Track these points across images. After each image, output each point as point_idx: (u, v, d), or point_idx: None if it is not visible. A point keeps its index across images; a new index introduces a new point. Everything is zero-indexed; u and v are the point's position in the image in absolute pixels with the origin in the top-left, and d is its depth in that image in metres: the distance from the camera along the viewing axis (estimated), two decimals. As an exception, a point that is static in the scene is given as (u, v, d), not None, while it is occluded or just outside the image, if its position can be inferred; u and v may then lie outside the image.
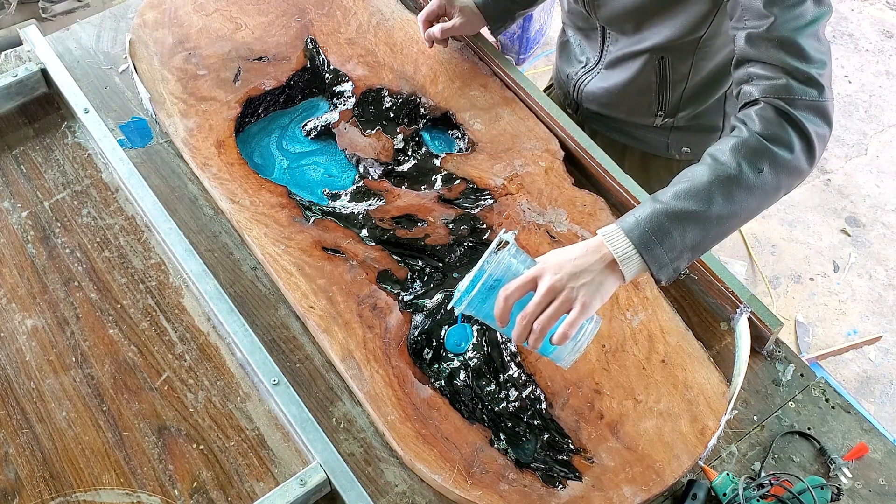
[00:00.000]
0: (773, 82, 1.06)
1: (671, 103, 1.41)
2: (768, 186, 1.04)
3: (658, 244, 1.00)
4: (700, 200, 1.01)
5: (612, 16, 1.33)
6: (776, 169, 1.03)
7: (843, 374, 2.39)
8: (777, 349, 1.23)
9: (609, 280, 1.00)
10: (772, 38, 1.06)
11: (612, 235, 1.02)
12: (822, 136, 1.06)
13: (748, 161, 1.03)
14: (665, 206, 1.02)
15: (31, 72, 1.46)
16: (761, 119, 1.05)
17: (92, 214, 1.34)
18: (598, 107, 1.50)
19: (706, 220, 1.02)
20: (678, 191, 1.03)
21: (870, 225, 2.71)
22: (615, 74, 1.42)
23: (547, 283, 0.98)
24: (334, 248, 1.28)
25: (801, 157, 1.05)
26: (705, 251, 1.06)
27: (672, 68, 1.35)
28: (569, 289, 0.98)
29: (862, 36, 3.22)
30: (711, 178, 1.02)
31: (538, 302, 0.98)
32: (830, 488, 1.07)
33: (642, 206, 1.04)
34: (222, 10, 1.56)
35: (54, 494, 1.09)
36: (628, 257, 1.00)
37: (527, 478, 1.08)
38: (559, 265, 0.99)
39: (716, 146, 1.07)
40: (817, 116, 1.05)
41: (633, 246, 1.00)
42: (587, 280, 0.98)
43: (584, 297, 0.98)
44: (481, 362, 1.19)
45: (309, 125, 1.45)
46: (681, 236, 1.01)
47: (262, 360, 1.15)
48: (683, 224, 1.01)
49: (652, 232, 1.00)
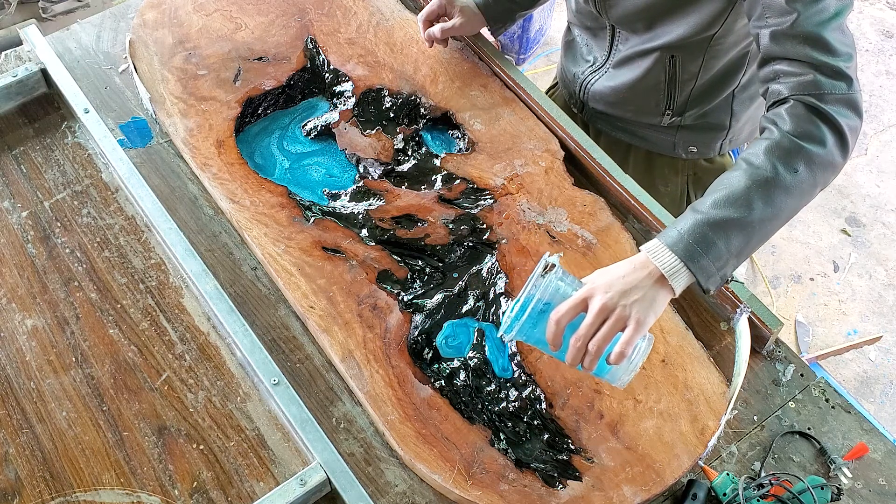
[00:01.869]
0: (801, 79, 1.06)
1: (679, 102, 1.41)
2: (805, 185, 1.04)
3: (704, 255, 1.00)
4: (740, 207, 1.01)
5: (624, 15, 1.33)
6: (811, 166, 1.03)
7: (843, 374, 2.39)
8: (777, 349, 1.23)
9: (661, 295, 0.99)
10: (797, 35, 1.06)
11: (657, 251, 1.01)
12: (854, 129, 1.06)
13: (783, 162, 1.03)
14: (706, 215, 1.01)
15: (31, 72, 1.46)
16: (792, 117, 1.05)
17: (92, 214, 1.34)
18: (605, 106, 1.49)
19: (748, 225, 1.01)
20: (717, 199, 1.02)
21: (870, 225, 2.71)
22: (623, 73, 1.41)
23: (598, 302, 0.96)
24: (334, 248, 1.28)
25: (835, 151, 1.05)
26: (749, 255, 1.06)
27: (682, 67, 1.34)
28: (621, 307, 0.96)
29: (862, 36, 3.22)
30: (749, 183, 1.02)
31: (591, 323, 0.96)
32: (830, 488, 1.07)
33: (683, 219, 1.03)
34: (222, 10, 1.56)
35: (54, 494, 1.09)
36: (676, 271, 1.00)
37: (527, 478, 1.08)
38: (609, 284, 0.98)
39: (748, 150, 1.06)
40: (848, 109, 1.05)
41: (680, 259, 1.00)
42: (639, 296, 0.97)
43: (637, 314, 0.97)
44: (481, 362, 1.19)
45: (309, 125, 1.45)
46: (725, 244, 1.00)
47: (262, 360, 1.15)
48: (727, 232, 1.01)
49: (696, 243, 1.00)
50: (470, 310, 1.24)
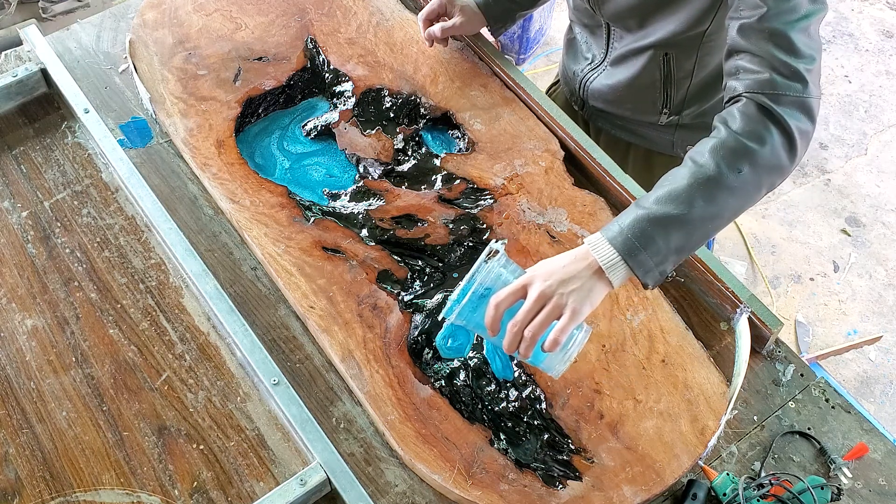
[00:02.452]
0: (758, 76, 1.05)
1: (676, 101, 1.41)
2: (749, 186, 1.04)
3: (642, 250, 1.01)
4: (681, 204, 1.02)
5: (616, 12, 1.33)
6: (756, 168, 1.03)
7: (843, 374, 2.39)
8: (777, 349, 1.23)
9: (598, 287, 1.01)
10: (763, 29, 1.06)
11: (597, 244, 1.02)
12: (805, 133, 1.05)
13: (727, 161, 1.03)
14: (647, 211, 1.02)
15: (31, 72, 1.46)
16: (742, 116, 1.05)
17: (92, 214, 1.34)
18: (604, 104, 1.50)
19: (689, 223, 1.02)
20: (659, 196, 1.03)
21: (870, 225, 2.71)
22: (620, 71, 1.42)
23: (537, 290, 0.98)
24: (334, 248, 1.28)
25: (782, 153, 1.04)
26: (691, 252, 1.06)
27: (676, 65, 1.35)
28: (558, 295, 0.98)
29: (862, 36, 3.22)
30: (691, 181, 1.03)
31: (528, 309, 0.98)
32: (830, 488, 1.07)
33: (625, 213, 1.04)
34: (222, 10, 1.56)
35: (54, 494, 1.09)
36: (614, 265, 1.01)
37: (527, 478, 1.08)
38: (549, 273, 1.00)
39: (695, 148, 1.07)
40: (800, 112, 1.05)
41: (618, 253, 1.01)
42: (576, 286, 0.99)
43: (573, 304, 0.98)
44: (481, 362, 1.19)
45: (309, 125, 1.45)
46: (664, 241, 1.01)
47: (262, 360, 1.15)
48: (666, 229, 1.01)
49: (635, 238, 1.01)
50: (470, 310, 1.24)
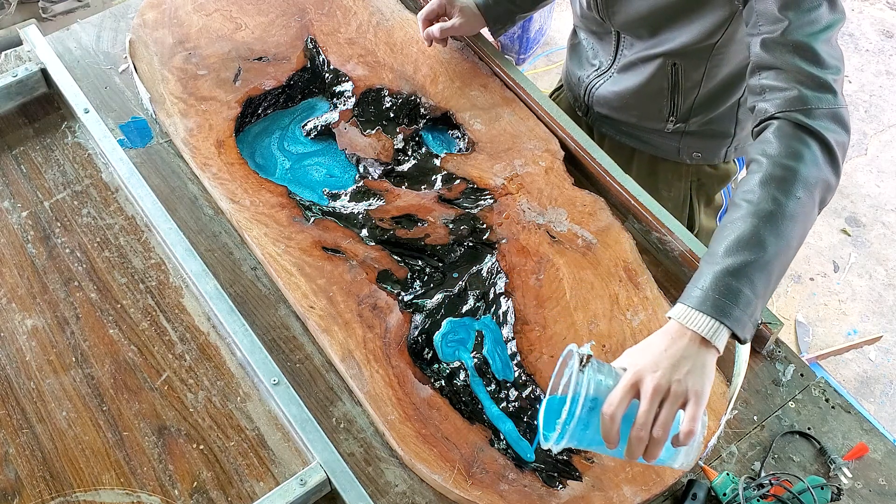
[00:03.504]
0: (787, 94, 1.04)
1: (683, 109, 1.40)
2: (808, 208, 1.01)
3: (734, 306, 0.95)
4: (753, 248, 0.98)
5: (627, 21, 1.33)
6: (809, 188, 1.01)
7: (843, 374, 2.39)
8: (777, 349, 1.23)
9: (709, 359, 0.95)
10: (787, 43, 1.05)
11: (688, 315, 0.96)
12: (842, 144, 1.04)
13: (781, 191, 1.00)
14: (723, 266, 0.97)
15: (31, 72, 1.46)
16: (779, 139, 1.02)
17: (92, 214, 1.34)
18: (609, 110, 1.49)
19: (767, 264, 0.98)
20: (728, 246, 0.99)
21: (870, 225, 2.71)
22: (627, 78, 1.41)
23: (651, 384, 0.90)
24: (334, 248, 1.28)
25: (825, 166, 1.02)
26: (773, 292, 1.02)
27: (685, 75, 1.34)
28: (675, 382, 0.91)
29: (862, 36, 3.22)
30: (755, 221, 0.99)
31: (648, 409, 0.90)
32: (830, 488, 1.07)
33: (701, 275, 0.99)
34: (222, 9, 1.56)
35: (54, 494, 1.09)
36: (715, 330, 0.95)
37: (527, 478, 1.08)
38: (655, 363, 0.92)
39: (743, 187, 1.03)
40: (835, 123, 1.03)
41: (713, 318, 0.95)
42: (689, 367, 0.92)
43: (695, 387, 0.92)
44: (481, 362, 1.19)
45: (309, 125, 1.45)
46: (751, 289, 0.97)
47: (262, 360, 1.15)
48: (749, 276, 0.97)
49: (723, 297, 0.95)
50: (470, 310, 1.24)
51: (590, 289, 1.24)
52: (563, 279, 1.25)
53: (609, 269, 1.26)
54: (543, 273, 1.25)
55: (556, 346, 1.19)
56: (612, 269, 1.26)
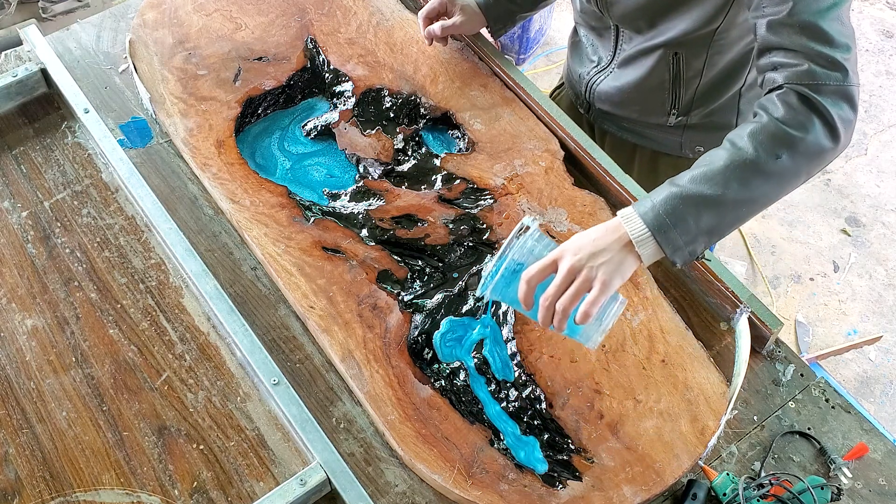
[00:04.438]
0: (797, 69, 1.05)
1: (685, 101, 1.40)
2: (787, 172, 1.04)
3: (672, 227, 1.01)
4: (716, 185, 1.02)
5: (625, 14, 1.32)
6: (795, 155, 1.03)
7: (843, 374, 2.39)
8: (777, 349, 1.23)
9: (628, 260, 1.02)
10: (793, 24, 1.05)
11: (629, 217, 1.03)
12: (847, 121, 1.05)
13: (766, 146, 1.02)
14: (680, 189, 1.03)
15: (31, 72, 1.46)
16: (783, 104, 1.04)
17: (92, 214, 1.34)
18: (611, 106, 1.49)
19: (721, 204, 1.02)
20: (695, 175, 1.04)
21: (870, 225, 2.71)
22: (628, 73, 1.41)
23: (567, 263, 0.99)
24: (334, 248, 1.28)
25: (824, 143, 1.04)
26: (723, 236, 1.06)
27: (686, 64, 1.34)
28: (588, 268, 0.99)
29: (862, 36, 3.22)
30: (728, 163, 1.03)
31: (559, 283, 0.99)
32: (830, 488, 1.07)
33: (659, 190, 1.05)
34: (222, 9, 1.56)
35: (54, 494, 1.09)
36: (644, 239, 1.02)
37: (527, 478, 1.08)
38: (579, 246, 1.01)
39: (735, 131, 1.06)
40: (842, 101, 1.04)
41: (648, 228, 1.01)
42: (606, 259, 1.00)
43: (603, 276, 0.99)
44: (481, 362, 1.19)
45: (309, 125, 1.45)
46: (695, 220, 1.02)
47: (262, 360, 1.15)
48: (698, 208, 1.02)
49: (666, 215, 1.01)
50: (470, 310, 1.24)
51: (590, 289, 1.24)
52: (563, 279, 1.25)
53: (609, 269, 1.26)
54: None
55: (556, 346, 1.19)
56: (612, 269, 1.26)
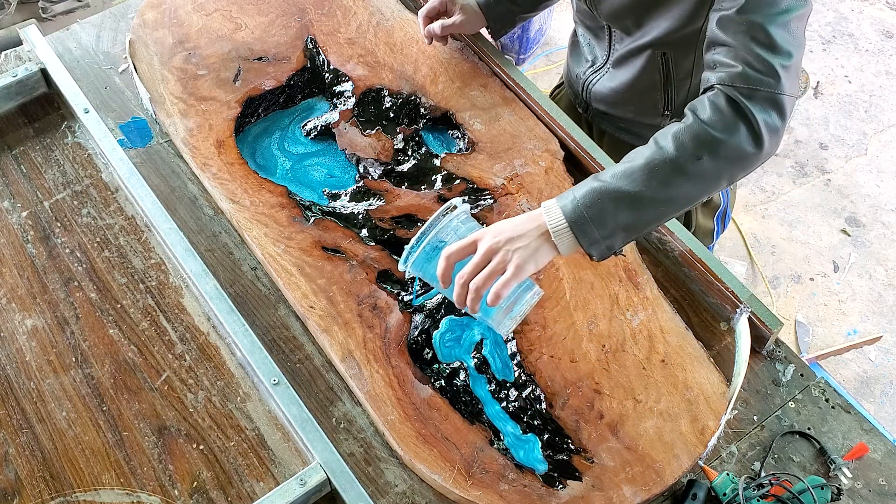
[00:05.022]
0: (731, 70, 1.05)
1: (678, 102, 1.40)
2: (707, 174, 1.04)
3: (589, 222, 1.03)
4: (635, 182, 1.03)
5: (612, 12, 1.33)
6: (716, 158, 1.03)
7: (843, 374, 2.39)
8: (777, 349, 1.23)
9: (544, 249, 1.04)
10: (741, 21, 1.05)
11: (551, 209, 1.05)
12: (773, 127, 1.04)
13: (687, 147, 1.03)
14: (602, 184, 1.04)
15: (31, 72, 1.46)
16: (711, 105, 1.04)
17: (92, 214, 1.34)
18: (607, 106, 1.49)
19: (639, 202, 1.03)
20: (616, 171, 1.05)
21: (870, 225, 2.71)
22: (621, 73, 1.42)
23: (485, 245, 1.02)
24: (334, 248, 1.28)
25: (747, 148, 1.04)
26: (641, 233, 1.08)
27: (675, 64, 1.34)
28: (504, 251, 1.02)
29: (862, 36, 3.22)
30: (648, 161, 1.04)
31: (475, 263, 1.02)
32: (830, 488, 1.07)
33: (582, 184, 1.06)
34: (222, 9, 1.56)
35: (54, 494, 1.09)
36: (560, 231, 1.04)
37: (527, 478, 1.08)
38: (499, 230, 1.04)
39: (662, 130, 1.07)
40: (771, 108, 1.04)
41: (566, 220, 1.03)
42: (523, 245, 1.03)
43: (517, 260, 1.01)
44: (481, 362, 1.19)
45: (309, 125, 1.45)
46: (613, 216, 1.03)
47: (262, 360, 1.15)
48: (616, 204, 1.03)
49: (584, 209, 1.03)
50: (470, 310, 1.24)
51: (590, 289, 1.24)
52: (563, 279, 1.25)
53: (609, 269, 1.26)
54: (543, 273, 1.25)
55: (556, 346, 1.19)
56: (612, 268, 1.26)
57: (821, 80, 3.07)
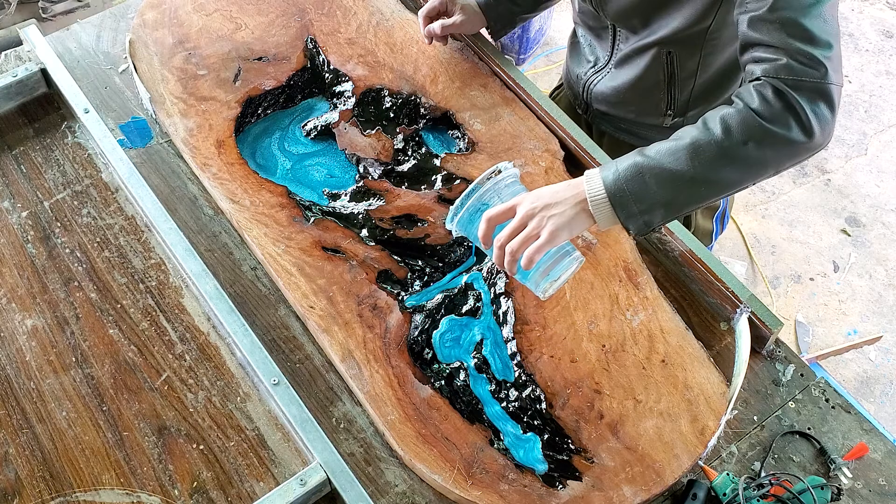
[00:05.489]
0: (776, 63, 1.04)
1: (680, 102, 1.40)
2: (753, 161, 1.04)
3: (629, 194, 1.03)
4: (679, 160, 1.03)
5: (619, 11, 1.33)
6: (762, 147, 1.03)
7: (843, 374, 2.39)
8: (777, 349, 1.23)
9: (580, 217, 1.05)
10: (773, 20, 1.04)
11: (592, 177, 1.05)
12: (823, 118, 1.03)
13: (734, 131, 1.03)
14: (645, 160, 1.04)
15: (31, 72, 1.46)
16: (759, 94, 1.04)
17: (92, 214, 1.34)
18: (608, 107, 1.49)
19: (681, 180, 1.03)
20: (662, 148, 1.05)
21: (870, 225, 2.71)
22: (624, 73, 1.41)
23: (523, 209, 1.04)
24: (334, 248, 1.28)
25: (796, 138, 1.03)
26: (681, 213, 1.07)
27: (680, 64, 1.34)
28: (540, 216, 1.03)
29: (862, 36, 3.22)
30: (694, 141, 1.04)
31: (512, 227, 1.04)
32: (830, 488, 1.07)
33: (626, 157, 1.06)
34: (222, 9, 1.56)
35: (54, 494, 1.09)
36: (599, 201, 1.04)
37: (527, 478, 1.08)
38: (538, 196, 1.05)
39: (710, 112, 1.07)
40: (819, 98, 1.03)
41: (605, 191, 1.04)
42: (559, 211, 1.03)
43: (552, 226, 1.02)
44: (481, 362, 1.19)
45: (309, 125, 1.45)
46: (653, 192, 1.03)
47: (262, 360, 1.15)
48: (658, 180, 1.03)
49: (625, 182, 1.03)
50: (470, 310, 1.24)
51: (590, 289, 1.24)
52: (563, 279, 1.25)
53: (609, 269, 1.26)
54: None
55: (557, 346, 1.19)
56: (612, 269, 1.26)
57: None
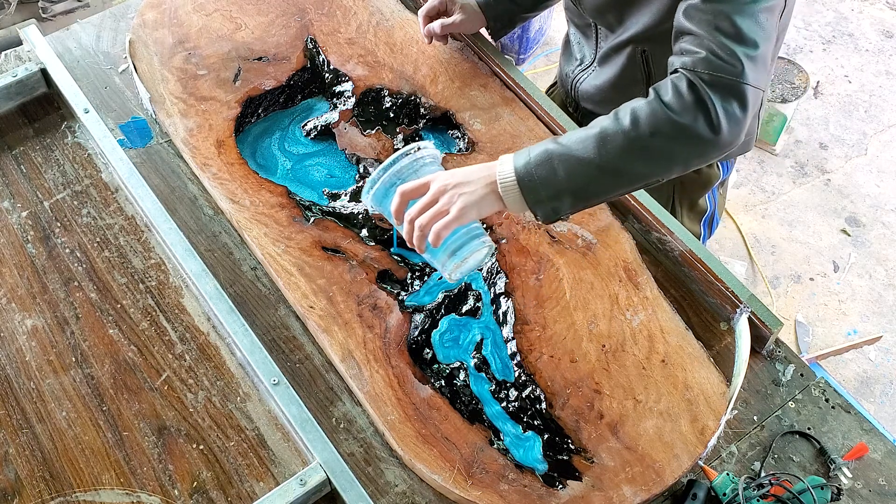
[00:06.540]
0: (695, 56, 1.05)
1: None
2: (659, 153, 1.05)
3: (537, 179, 1.04)
4: (587, 148, 1.04)
5: (595, 7, 1.34)
6: (668, 139, 1.03)
7: (843, 374, 2.39)
8: (777, 349, 1.23)
9: (490, 198, 1.06)
10: (706, 10, 1.05)
11: (504, 161, 1.07)
12: (733, 116, 1.03)
13: (642, 122, 1.04)
14: (556, 147, 1.06)
15: (31, 72, 1.46)
16: (673, 88, 1.04)
17: (92, 214, 1.34)
18: (593, 105, 1.49)
19: (588, 167, 1.04)
20: (573, 136, 1.06)
21: (870, 225, 2.71)
22: (605, 71, 1.42)
23: (435, 186, 1.05)
24: (334, 248, 1.28)
25: (703, 134, 1.03)
26: (590, 203, 1.09)
27: (655, 62, 1.34)
28: (450, 194, 1.04)
29: (862, 36, 3.22)
30: (602, 131, 1.05)
31: (423, 202, 1.05)
32: (830, 488, 1.07)
33: (540, 143, 1.07)
34: (222, 9, 1.56)
35: (54, 494, 1.09)
36: (508, 185, 1.05)
37: (527, 478, 1.08)
38: (451, 174, 1.06)
39: (626, 104, 1.07)
40: (732, 96, 1.03)
41: (515, 175, 1.05)
42: (469, 190, 1.05)
43: (461, 204, 1.04)
44: (481, 362, 1.19)
45: (309, 125, 1.45)
46: (562, 178, 1.04)
47: (262, 360, 1.15)
48: (566, 166, 1.04)
49: (535, 167, 1.05)
50: (470, 310, 1.24)
51: (590, 289, 1.24)
52: (563, 279, 1.25)
53: (609, 269, 1.26)
54: (543, 273, 1.25)
55: (556, 346, 1.19)
56: (612, 268, 1.26)
57: (821, 80, 3.07)
